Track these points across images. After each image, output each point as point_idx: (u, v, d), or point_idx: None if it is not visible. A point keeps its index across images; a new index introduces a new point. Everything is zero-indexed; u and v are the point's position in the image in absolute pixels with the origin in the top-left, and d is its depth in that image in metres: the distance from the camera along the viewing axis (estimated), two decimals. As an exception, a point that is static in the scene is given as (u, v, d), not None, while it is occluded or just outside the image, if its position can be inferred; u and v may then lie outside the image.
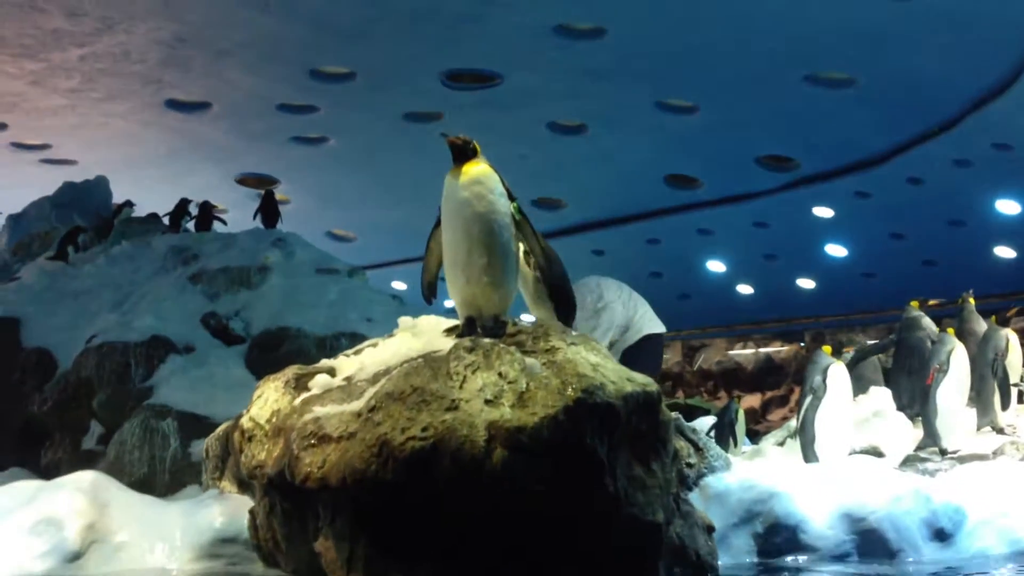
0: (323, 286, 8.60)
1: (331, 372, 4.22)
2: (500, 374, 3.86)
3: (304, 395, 4.02)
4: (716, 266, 16.88)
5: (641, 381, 4.10)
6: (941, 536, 5.17)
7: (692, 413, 11.14)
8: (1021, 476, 5.59)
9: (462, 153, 4.33)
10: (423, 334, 4.44)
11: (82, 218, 10.48)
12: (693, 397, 17.86)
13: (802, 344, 18.47)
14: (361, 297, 8.66)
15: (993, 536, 5.18)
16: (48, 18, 9.77)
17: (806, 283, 16.86)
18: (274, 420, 4.02)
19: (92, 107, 11.95)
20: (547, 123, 12.96)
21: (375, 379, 3.96)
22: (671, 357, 20.15)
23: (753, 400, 18.67)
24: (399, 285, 15.76)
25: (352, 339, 7.24)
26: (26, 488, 4.67)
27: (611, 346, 7.68)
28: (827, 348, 6.60)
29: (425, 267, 4.51)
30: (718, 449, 5.40)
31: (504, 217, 4.29)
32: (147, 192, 12.83)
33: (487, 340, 4.04)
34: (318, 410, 3.78)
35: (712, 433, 7.91)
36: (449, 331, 4.44)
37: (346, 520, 3.65)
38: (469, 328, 4.29)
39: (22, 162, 13.34)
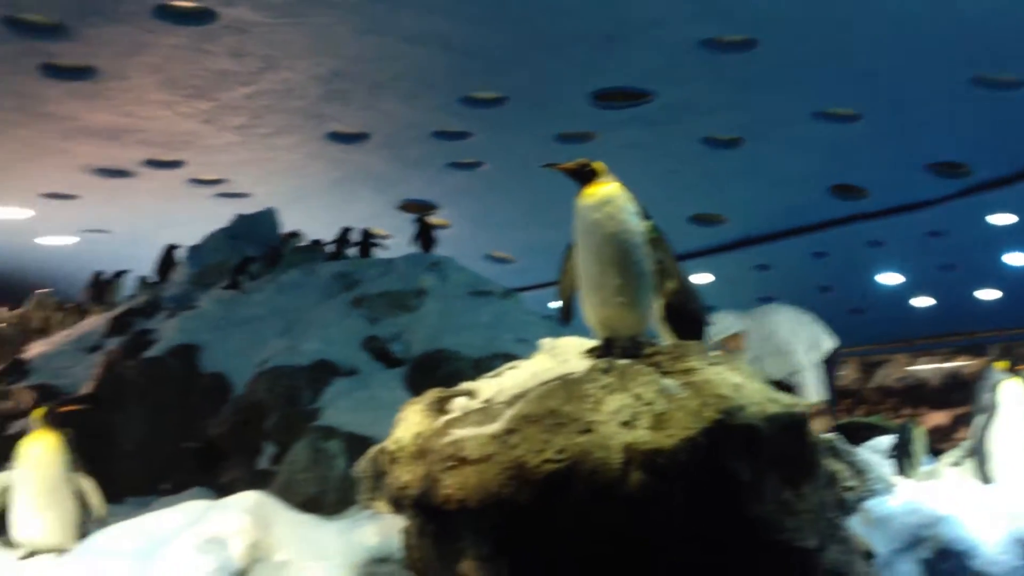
0: (477, 308, 8.73)
1: (470, 394, 4.27)
2: (636, 396, 3.83)
3: (444, 418, 4.09)
4: (889, 278, 16.22)
5: (786, 402, 3.97)
6: None
7: (872, 432, 10.70)
8: None
9: (581, 177, 4.33)
10: (562, 355, 4.44)
11: (253, 248, 11.02)
12: (873, 415, 17.15)
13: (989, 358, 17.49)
14: (515, 318, 8.74)
15: None
16: (215, 59, 10.35)
17: (989, 294, 15.98)
18: (417, 442, 4.10)
19: (260, 142, 12.57)
20: (701, 138, 12.78)
21: (512, 401, 3.98)
22: (848, 374, 19.42)
23: (940, 418, 17.73)
24: (557, 305, 15.82)
25: (506, 360, 7.25)
26: (195, 508, 4.92)
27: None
28: (1002, 364, 6.21)
29: (560, 290, 4.51)
30: (880, 471, 5.17)
31: (635, 236, 4.24)
32: (314, 221, 13.43)
33: (623, 361, 4.01)
34: (457, 432, 3.84)
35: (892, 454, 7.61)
36: (588, 352, 4.43)
37: (487, 542, 3.68)
38: (606, 349, 4.26)
39: (199, 196, 14.16)
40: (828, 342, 7.55)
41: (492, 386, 4.33)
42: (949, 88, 10.89)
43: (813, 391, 7.40)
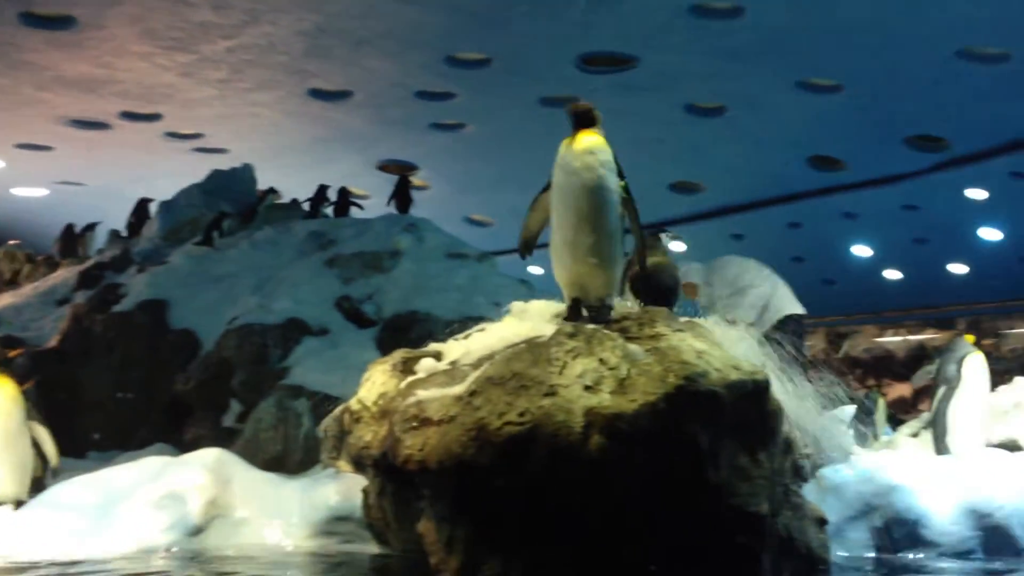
0: (452, 271, 8.74)
1: (437, 356, 4.30)
2: (601, 360, 3.86)
3: (409, 378, 4.11)
4: (862, 250, 16.29)
5: (748, 369, 4.01)
6: (1075, 536, 4.89)
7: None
8: None
9: (583, 120, 4.28)
10: (531, 319, 4.47)
11: (228, 205, 10.96)
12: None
13: (956, 331, 17.68)
14: (490, 282, 8.76)
15: None
16: (196, 11, 10.23)
17: (959, 268, 16.09)
18: (380, 403, 4.13)
19: (240, 97, 12.46)
20: (684, 105, 12.76)
21: (479, 363, 4.02)
22: (816, 343, 19.59)
23: (904, 389, 17.96)
24: (535, 270, 15.86)
25: (479, 323, 7.33)
26: (154, 464, 4.94)
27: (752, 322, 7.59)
28: (970, 337, 6.29)
29: (525, 224, 4.44)
30: (836, 440, 5.24)
31: (613, 194, 4.21)
32: (293, 179, 13.36)
33: (590, 326, 4.04)
34: (421, 393, 3.87)
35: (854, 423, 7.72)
36: (557, 316, 4.46)
37: (446, 503, 3.72)
38: (574, 312, 4.29)
39: (176, 150, 14.04)
40: (790, 307, 7.53)
41: (459, 348, 4.37)
42: (932, 61, 10.90)
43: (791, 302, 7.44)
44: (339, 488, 4.84)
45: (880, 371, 18.77)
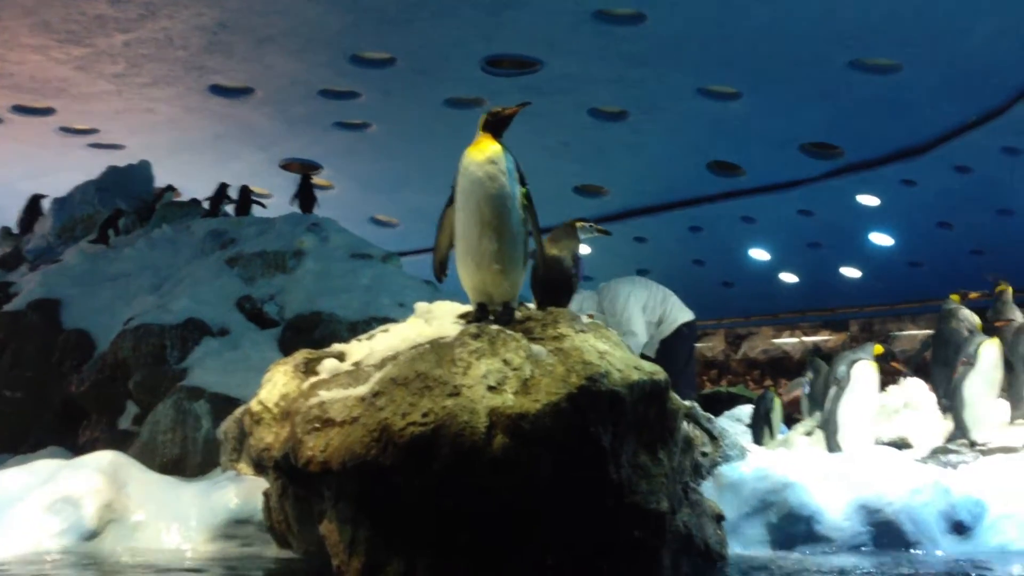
0: (356, 271, 8.65)
1: (340, 357, 4.27)
2: (505, 361, 3.88)
3: (312, 379, 4.07)
4: (759, 254, 16.72)
5: (649, 369, 4.09)
6: (960, 529, 5.10)
7: (735, 401, 11.07)
8: (1048, 470, 5.48)
9: (497, 126, 4.30)
10: (436, 320, 4.47)
11: (124, 202, 10.69)
12: (737, 385, 17.72)
13: (848, 334, 18.26)
14: (395, 282, 8.69)
15: (1015, 530, 5.09)
16: (92, 4, 9.96)
17: (851, 272, 16.63)
18: (282, 404, 4.08)
19: (137, 92, 12.16)
20: (588, 109, 12.91)
21: (382, 364, 3.99)
22: (715, 345, 20.05)
23: (799, 390, 18.45)
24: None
25: (384, 324, 7.29)
26: (46, 467, 4.79)
27: (649, 339, 7.77)
28: (878, 348, 6.50)
29: (436, 245, 4.43)
30: (734, 438, 5.38)
31: (515, 202, 4.23)
32: (192, 177, 13.09)
33: (494, 327, 4.05)
34: (324, 394, 3.83)
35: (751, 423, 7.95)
36: (462, 317, 4.47)
37: (348, 504, 3.70)
38: (480, 314, 4.30)
39: (71, 146, 13.62)
40: (683, 315, 7.76)
41: (363, 349, 4.34)
42: (827, 71, 11.25)
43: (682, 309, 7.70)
44: (239, 491, 4.76)
45: (777, 371, 19.27)
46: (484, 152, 4.23)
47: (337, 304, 8.04)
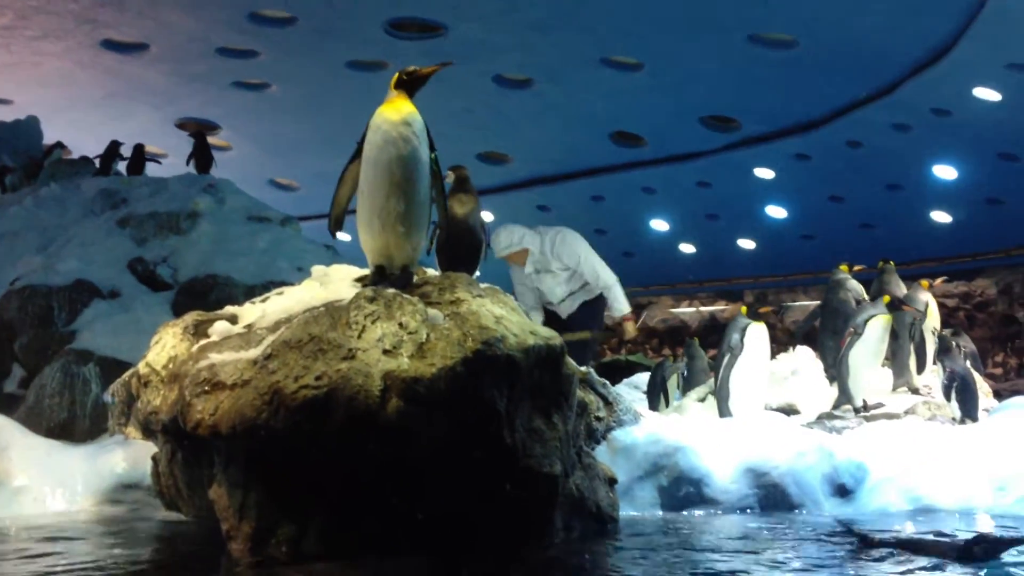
0: (254, 234, 8.50)
1: (232, 319, 4.19)
2: (400, 324, 3.86)
3: (202, 342, 3.99)
4: (660, 225, 16.98)
5: (544, 335, 4.12)
6: (842, 492, 5.29)
7: (633, 369, 11.25)
8: (926, 435, 5.71)
9: (412, 86, 4.24)
10: (331, 283, 4.42)
11: (11, 159, 10.27)
12: (636, 354, 17.99)
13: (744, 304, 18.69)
14: (293, 246, 8.58)
15: (894, 493, 5.30)
16: (-22, -48, 9.52)
17: (747, 244, 17.01)
18: (171, 366, 3.99)
19: (26, 46, 11.68)
20: (493, 76, 12.88)
21: (275, 327, 3.94)
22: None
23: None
24: (343, 236, 15.65)
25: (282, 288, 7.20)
26: (-79, 431, 4.61)
27: (568, 296, 7.82)
28: (743, 308, 6.72)
29: (335, 199, 4.36)
30: (628, 403, 5.47)
31: (425, 166, 4.22)
32: (84, 135, 12.65)
33: (390, 290, 4.03)
34: (214, 357, 3.76)
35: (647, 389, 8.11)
36: (359, 280, 4.43)
37: (238, 468, 3.64)
38: (378, 277, 4.27)
39: (-47, 100, 13.04)
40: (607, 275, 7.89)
41: (255, 311, 4.27)
42: (726, 44, 11.43)
43: (624, 302, 7.78)
44: (127, 455, 4.66)
45: (675, 340, 19.64)
46: (400, 112, 4.17)
47: (233, 268, 7.90)
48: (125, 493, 4.60)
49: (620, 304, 7.83)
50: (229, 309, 4.36)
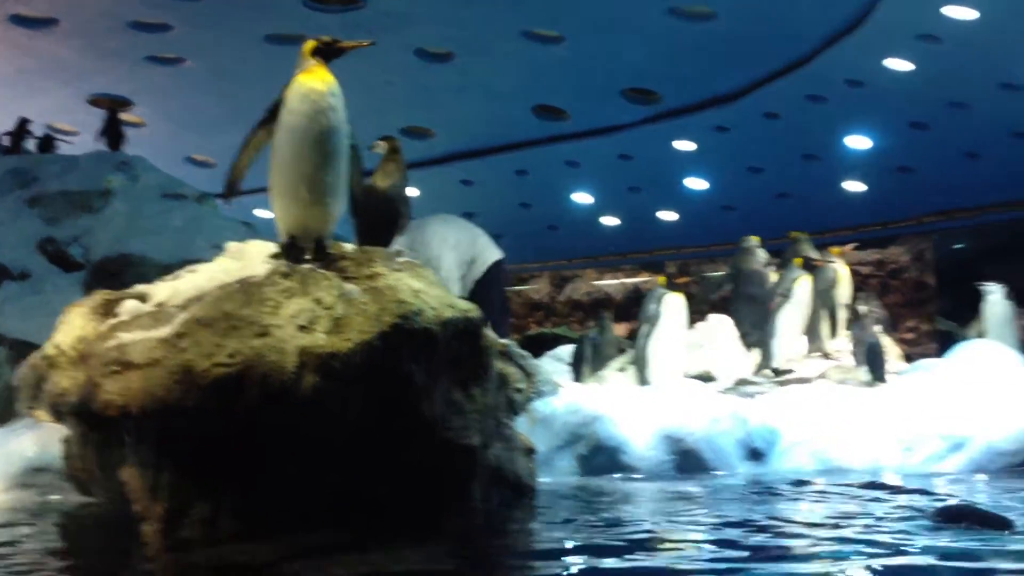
0: (169, 212, 8.37)
1: (142, 298, 4.12)
2: (316, 300, 3.84)
3: (111, 321, 3.91)
4: (583, 198, 17.05)
5: (463, 307, 4.13)
6: (756, 455, 5.44)
7: (559, 342, 11.34)
8: (836, 398, 5.88)
9: (329, 56, 4.18)
10: (246, 259, 4.36)
11: (-87, 138, 9.92)
12: (561, 327, 18.12)
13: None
14: (210, 224, 8.45)
15: (805, 455, 5.46)
16: None
17: (669, 215, 17.19)
18: (79, 347, 3.91)
19: (-74, 20, 11.24)
20: (414, 50, 12.74)
21: (187, 305, 3.88)
22: (541, 287, 20.40)
23: (621, 329, 19.02)
24: (262, 213, 15.46)
25: (197, 266, 7.09)
26: None
27: (460, 278, 7.81)
28: (662, 279, 6.83)
29: (236, 166, 4.29)
30: (548, 374, 5.52)
31: (345, 137, 4.19)
32: (-7, 112, 12.22)
33: (305, 266, 4.00)
34: (123, 336, 3.69)
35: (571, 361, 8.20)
36: (275, 256, 4.38)
37: (150, 449, 3.59)
38: (291, 250, 4.21)
39: None
40: (493, 255, 7.83)
41: (166, 289, 4.19)
42: (646, 17, 11.47)
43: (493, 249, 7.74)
44: (37, 438, 4.56)
45: (598, 313, 19.79)
46: (326, 82, 4.12)
47: (148, 246, 7.78)
48: (35, 477, 4.51)
49: (490, 250, 7.76)
50: (139, 288, 4.28)
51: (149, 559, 3.37)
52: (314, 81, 4.12)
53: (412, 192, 15.78)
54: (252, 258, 4.40)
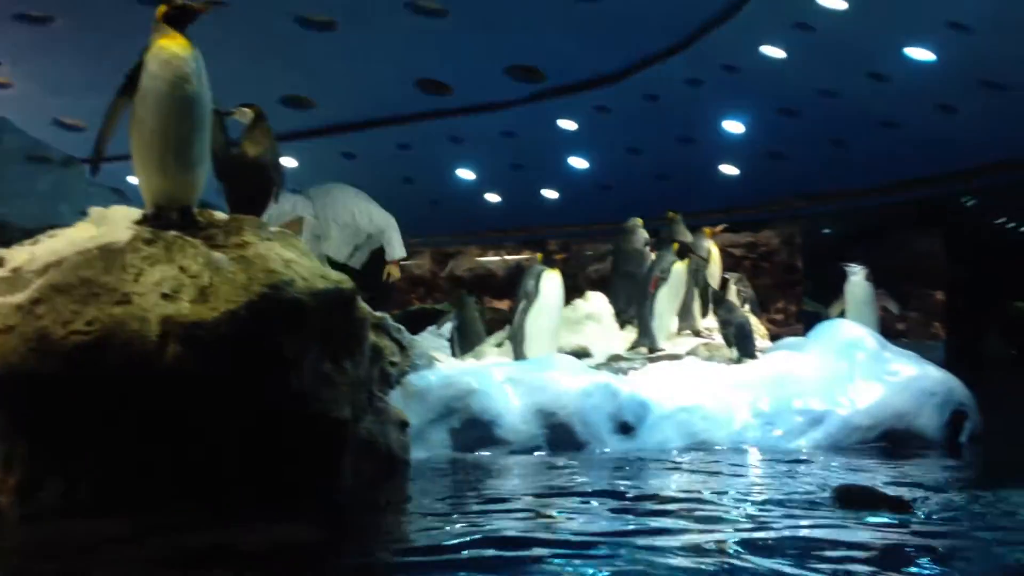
0: (33, 176, 8.07)
1: (-1, 262, 3.95)
2: (181, 268, 3.76)
3: (-37, 286, 3.74)
4: (466, 174, 17.01)
5: (335, 279, 4.10)
6: (625, 429, 5.54)
7: (439, 317, 11.33)
8: (703, 374, 6.04)
9: (182, 21, 4.10)
10: (109, 224, 4.22)
11: None
12: (443, 303, 18.10)
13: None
14: (77, 189, 8.20)
15: (673, 429, 5.60)
16: None
17: (551, 194, 17.32)
18: (-74, 313, 3.72)
19: None
20: (296, 17, 12.45)
21: (45, 270, 3.73)
22: (423, 263, 20.34)
23: (502, 305, 19.16)
24: (135, 180, 14.95)
25: (62, 232, 6.84)
26: None
27: (355, 251, 7.77)
28: (539, 256, 6.91)
29: (101, 135, 4.23)
30: (423, 348, 5.52)
31: (209, 104, 4.14)
32: None
33: (171, 232, 3.90)
34: (-25, 302, 3.54)
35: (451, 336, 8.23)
36: (138, 222, 4.24)
37: (4, 418, 3.47)
38: (157, 218, 4.10)
39: None
40: (392, 232, 7.91)
41: (24, 254, 4.02)
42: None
43: (399, 247, 7.87)
44: None
45: (482, 289, 19.86)
46: (186, 48, 4.04)
47: (11, 210, 7.51)
48: None
49: (393, 248, 7.91)
50: (-9, 251, 4.10)
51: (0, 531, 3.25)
52: (174, 47, 4.03)
53: (291, 163, 15.57)
54: (115, 224, 4.26)
